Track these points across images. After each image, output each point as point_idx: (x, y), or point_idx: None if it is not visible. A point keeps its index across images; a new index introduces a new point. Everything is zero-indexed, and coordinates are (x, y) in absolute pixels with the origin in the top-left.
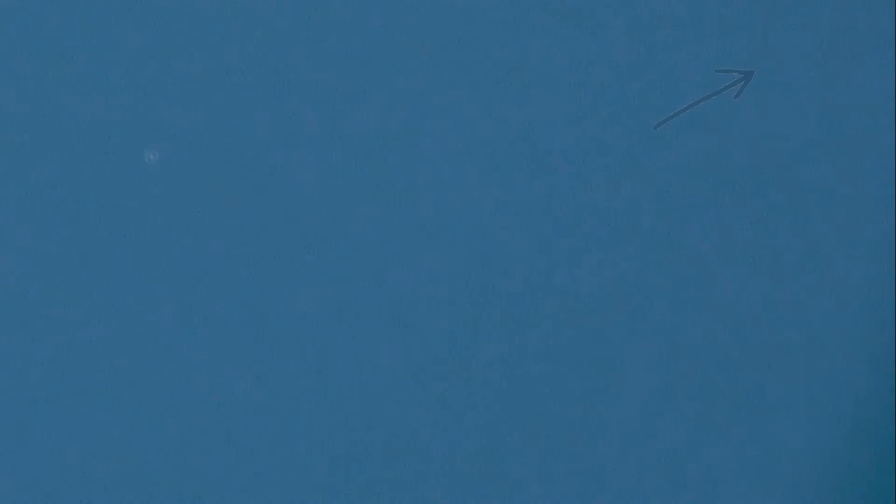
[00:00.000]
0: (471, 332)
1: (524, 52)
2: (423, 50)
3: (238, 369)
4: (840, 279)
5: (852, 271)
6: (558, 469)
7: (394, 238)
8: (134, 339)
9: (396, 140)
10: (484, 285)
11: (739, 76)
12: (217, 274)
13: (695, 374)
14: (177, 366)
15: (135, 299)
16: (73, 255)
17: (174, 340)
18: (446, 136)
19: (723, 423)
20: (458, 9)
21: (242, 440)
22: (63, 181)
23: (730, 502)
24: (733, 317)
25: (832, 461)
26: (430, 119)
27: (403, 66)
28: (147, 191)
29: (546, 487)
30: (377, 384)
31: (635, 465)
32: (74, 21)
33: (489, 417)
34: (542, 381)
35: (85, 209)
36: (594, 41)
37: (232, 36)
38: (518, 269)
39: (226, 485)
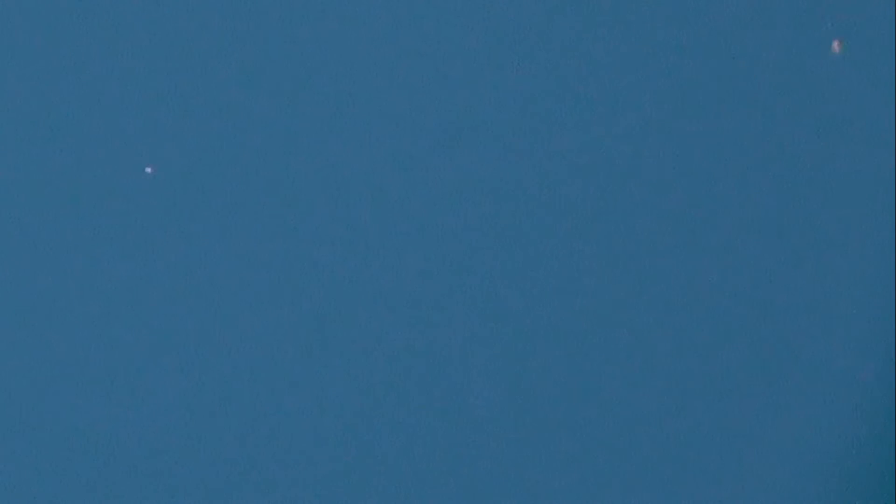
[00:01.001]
0: (472, 332)
1: (523, 52)
2: (421, 51)
3: (233, 368)
4: (840, 279)
5: (852, 271)
6: (560, 469)
7: (390, 239)
8: (132, 339)
9: (391, 144)
10: (485, 284)
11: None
12: (209, 276)
13: (695, 374)
14: (174, 365)
15: (133, 299)
16: (74, 257)
17: (170, 341)
18: (446, 135)
19: (723, 423)
20: (460, 9)
21: (238, 444)
22: (66, 190)
23: (730, 502)
24: (733, 316)
25: (832, 461)
26: (428, 119)
27: (400, 70)
28: (145, 199)
29: (546, 487)
30: (377, 386)
31: (636, 464)
32: (78, 40)
33: (490, 417)
34: (544, 381)
35: (88, 216)
36: (594, 41)
37: (223, 60)
38: (520, 268)
39: (225, 484)
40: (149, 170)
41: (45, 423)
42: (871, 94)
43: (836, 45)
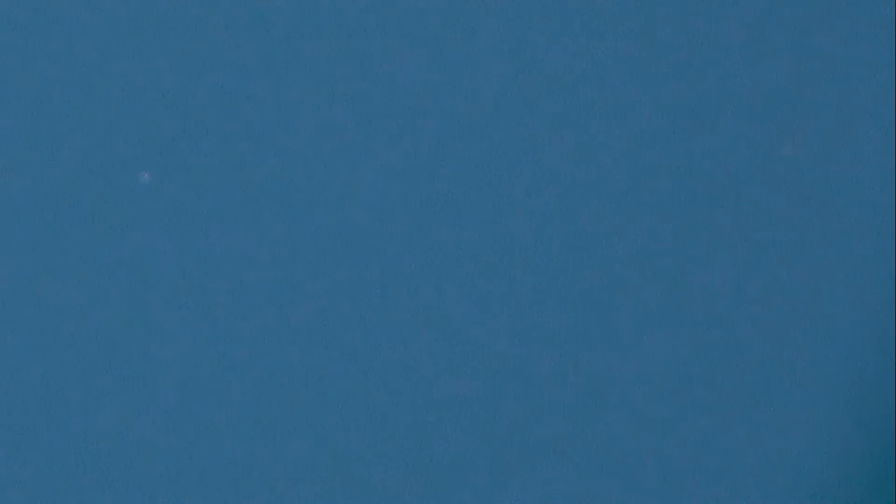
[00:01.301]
0: (471, 330)
1: (522, 51)
2: (420, 51)
3: (231, 373)
4: (840, 279)
5: (852, 271)
6: (559, 469)
7: (390, 241)
8: (128, 347)
9: (388, 145)
10: (485, 284)
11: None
12: (207, 281)
13: (694, 374)
14: (171, 369)
15: (130, 306)
16: (69, 263)
17: (167, 347)
18: (445, 134)
19: (723, 424)
20: (461, 8)
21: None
22: (60, 197)
23: (730, 502)
24: (733, 317)
25: (832, 461)
26: (427, 118)
27: (399, 73)
28: (141, 207)
29: (546, 487)
30: (375, 388)
31: (633, 464)
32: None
33: (488, 416)
34: (542, 379)
35: (83, 223)
36: (594, 41)
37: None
38: (519, 267)
39: (225, 484)
40: (146, 175)
41: (43, 430)
42: (871, 92)
43: (790, 147)
